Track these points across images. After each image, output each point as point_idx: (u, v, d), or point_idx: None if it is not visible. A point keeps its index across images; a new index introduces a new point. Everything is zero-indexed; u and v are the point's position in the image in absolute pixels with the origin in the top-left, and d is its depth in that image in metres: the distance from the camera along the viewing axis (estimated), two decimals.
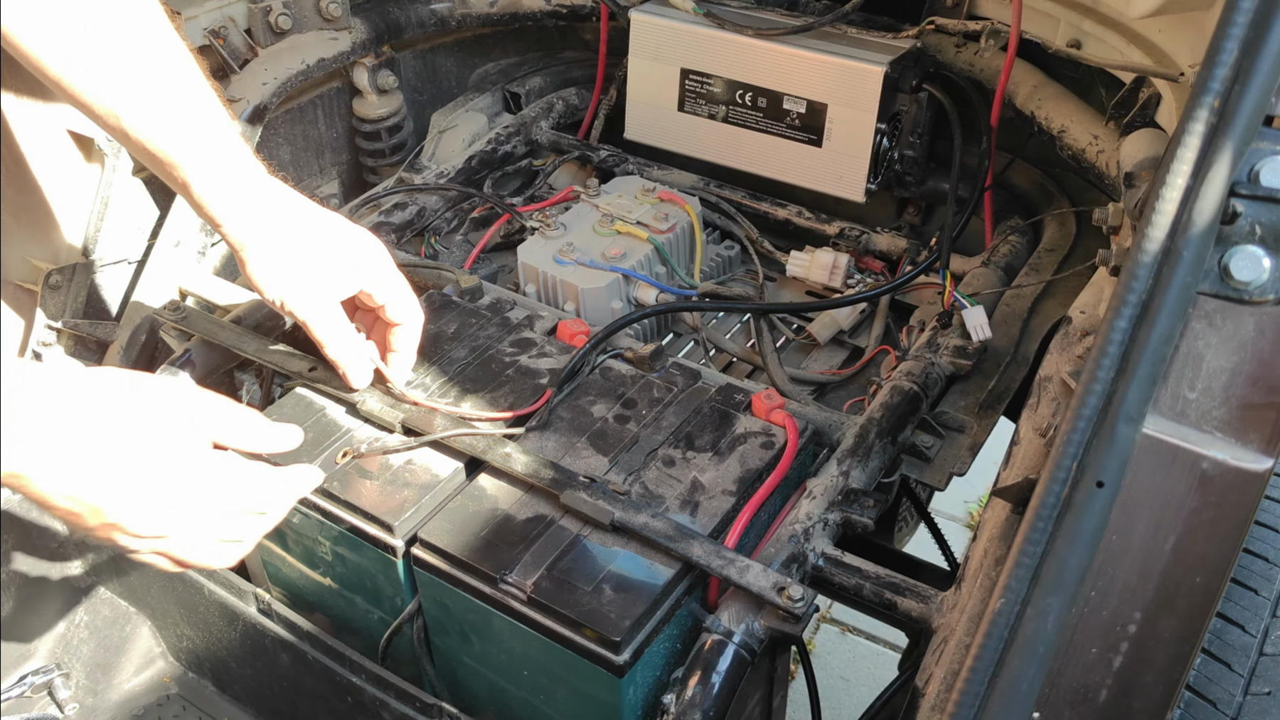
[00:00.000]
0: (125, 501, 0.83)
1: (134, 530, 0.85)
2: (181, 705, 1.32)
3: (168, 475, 0.85)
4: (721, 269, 1.57)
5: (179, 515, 0.87)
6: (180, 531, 0.88)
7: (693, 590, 1.02)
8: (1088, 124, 1.35)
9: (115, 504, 0.82)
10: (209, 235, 1.56)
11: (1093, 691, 0.78)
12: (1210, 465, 0.74)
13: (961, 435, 1.23)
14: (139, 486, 0.83)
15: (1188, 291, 0.71)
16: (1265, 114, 0.69)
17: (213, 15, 1.55)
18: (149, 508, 0.84)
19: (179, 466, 0.86)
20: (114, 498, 0.82)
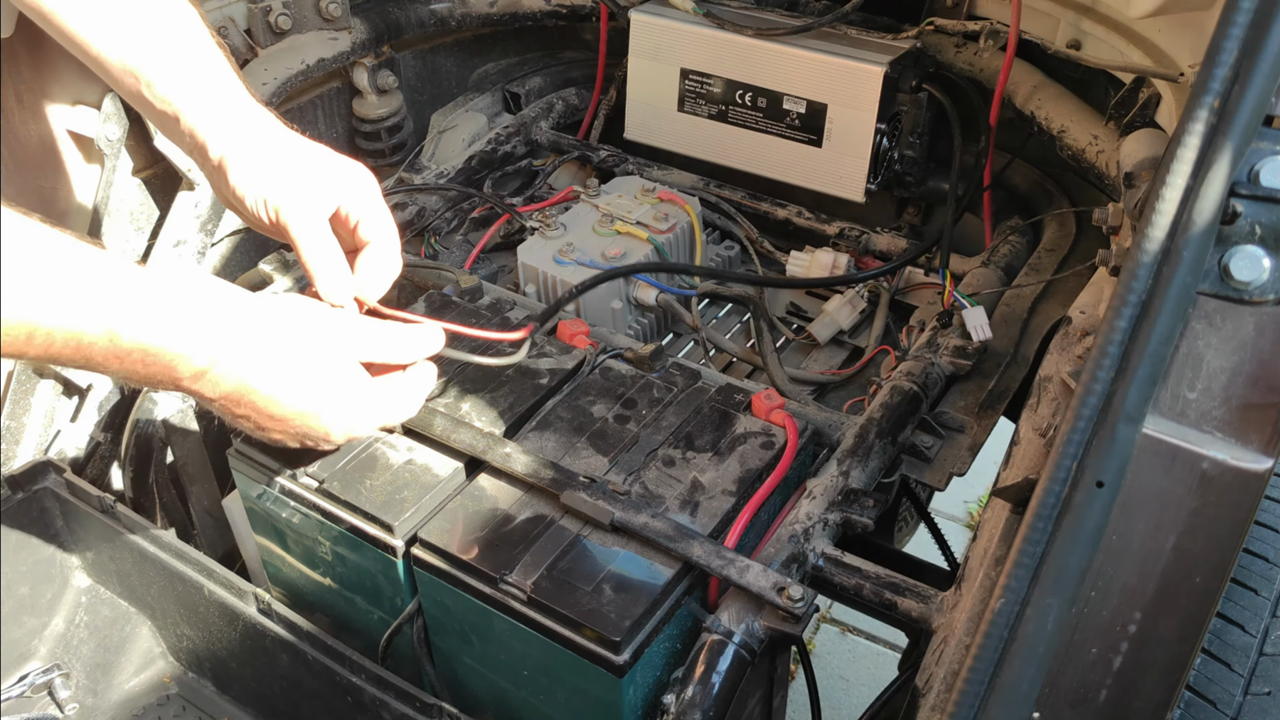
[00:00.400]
0: (297, 414, 0.95)
1: (309, 437, 0.98)
2: (181, 705, 1.32)
3: (337, 390, 0.96)
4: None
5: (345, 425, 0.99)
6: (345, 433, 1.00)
7: (693, 590, 1.02)
8: (1088, 124, 1.35)
9: (285, 416, 0.94)
10: (209, 235, 1.56)
11: (1093, 692, 0.78)
12: (1210, 465, 0.74)
13: (961, 435, 1.23)
14: (316, 402, 0.95)
15: (1188, 291, 0.71)
16: (1265, 114, 0.69)
17: (212, 15, 1.55)
18: (321, 421, 0.96)
19: (346, 382, 0.97)
20: (287, 409, 0.94)
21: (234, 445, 1.18)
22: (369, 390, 0.99)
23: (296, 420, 0.95)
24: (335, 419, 0.97)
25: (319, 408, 0.95)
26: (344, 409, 0.97)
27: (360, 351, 0.98)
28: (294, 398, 0.93)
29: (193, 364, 0.86)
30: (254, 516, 1.24)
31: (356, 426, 1.00)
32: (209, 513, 1.41)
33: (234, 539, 1.40)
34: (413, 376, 1.04)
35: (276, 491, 1.16)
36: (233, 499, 1.33)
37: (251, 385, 0.91)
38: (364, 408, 0.99)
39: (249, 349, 0.90)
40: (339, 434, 0.99)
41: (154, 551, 1.24)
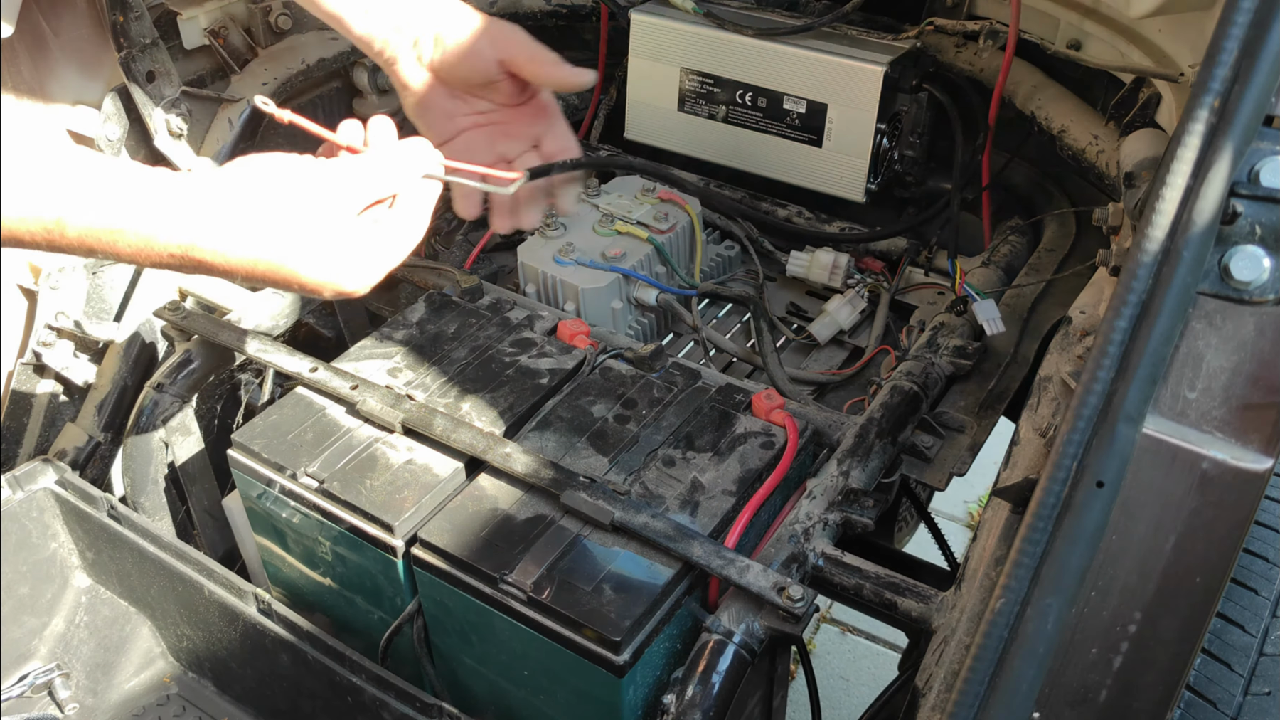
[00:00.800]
0: (311, 263, 0.87)
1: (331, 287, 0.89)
2: (181, 705, 1.32)
3: (340, 235, 0.88)
4: (721, 269, 1.57)
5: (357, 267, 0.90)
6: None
7: (693, 590, 1.02)
8: (1088, 124, 1.35)
9: (302, 265, 0.86)
10: None
11: (1093, 691, 0.78)
12: (1210, 465, 0.74)
13: (961, 435, 1.23)
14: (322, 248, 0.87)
15: (1188, 291, 0.71)
16: (1265, 114, 0.69)
17: (213, 15, 1.55)
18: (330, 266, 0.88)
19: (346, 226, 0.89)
20: (298, 259, 0.86)
21: (234, 445, 1.18)
22: (356, 230, 0.90)
23: (274, 278, 0.87)
24: (322, 275, 0.88)
25: (298, 258, 0.87)
26: (328, 264, 0.88)
27: (337, 193, 0.89)
28: (253, 248, 0.85)
29: (181, 247, 0.82)
30: (254, 516, 1.24)
31: (354, 279, 0.90)
32: (209, 513, 1.41)
33: (234, 539, 1.40)
34: (407, 198, 0.94)
35: (276, 491, 1.16)
36: (233, 499, 1.33)
37: (200, 245, 0.83)
38: (357, 249, 0.90)
39: (195, 211, 0.83)
40: (332, 292, 0.91)
41: (154, 551, 1.24)
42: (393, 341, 1.28)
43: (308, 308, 1.46)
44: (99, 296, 1.45)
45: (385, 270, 0.92)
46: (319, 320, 1.57)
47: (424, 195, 0.95)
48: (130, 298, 1.47)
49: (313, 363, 1.24)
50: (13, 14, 1.26)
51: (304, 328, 1.57)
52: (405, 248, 0.93)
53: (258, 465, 1.16)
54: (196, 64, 1.54)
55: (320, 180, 0.88)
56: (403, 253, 0.93)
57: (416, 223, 0.94)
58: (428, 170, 0.94)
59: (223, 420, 1.48)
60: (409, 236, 0.93)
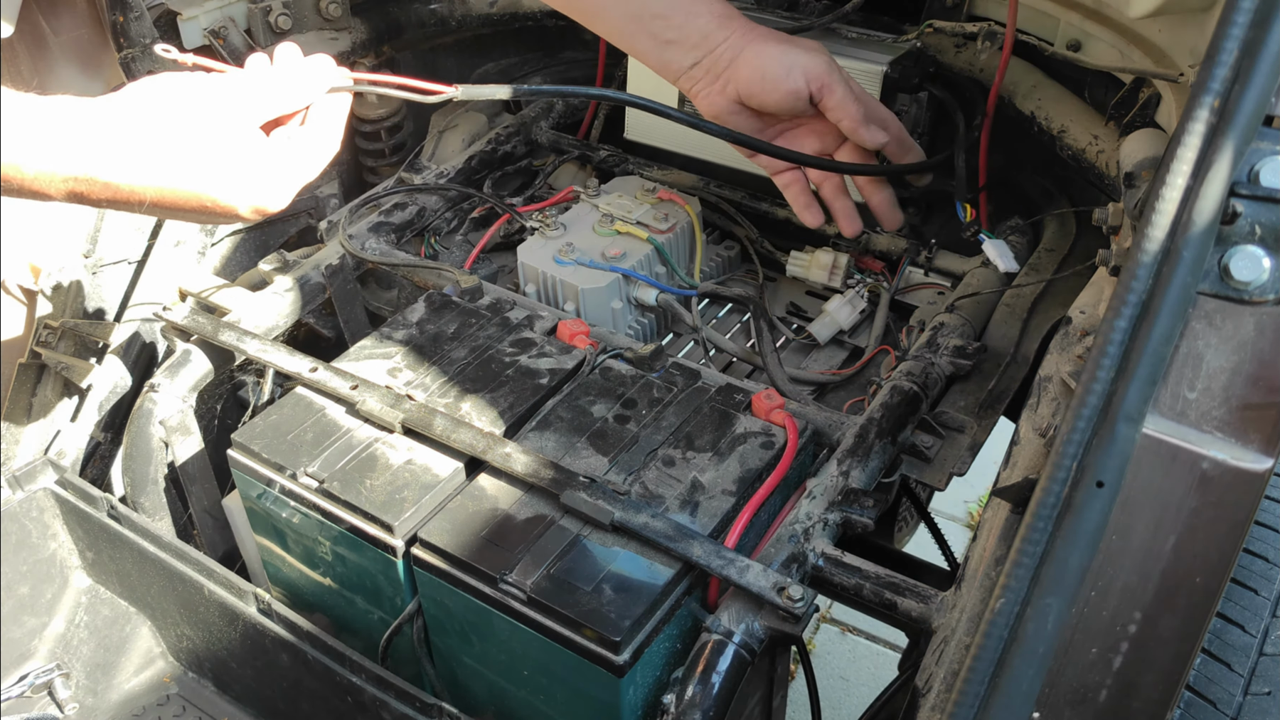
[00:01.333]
0: (219, 185, 0.85)
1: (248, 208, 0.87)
2: (181, 705, 1.32)
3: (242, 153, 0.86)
4: (721, 269, 1.57)
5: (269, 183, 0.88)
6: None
7: (693, 590, 1.02)
8: (1087, 124, 1.35)
9: (213, 188, 0.85)
10: (209, 235, 1.57)
11: (1093, 692, 0.78)
12: (1210, 465, 0.74)
13: (961, 435, 1.23)
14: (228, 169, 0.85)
15: (1188, 291, 0.70)
16: (1265, 114, 0.69)
17: (213, 15, 1.55)
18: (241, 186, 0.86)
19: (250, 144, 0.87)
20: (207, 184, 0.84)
21: (234, 445, 1.18)
22: (264, 145, 0.88)
23: (185, 202, 0.84)
24: (233, 193, 0.86)
25: (207, 177, 0.84)
26: (238, 179, 0.85)
27: (238, 107, 0.86)
28: (159, 172, 0.82)
29: (84, 176, 0.80)
30: (254, 516, 1.24)
31: (267, 194, 0.88)
32: (209, 513, 1.41)
33: (234, 539, 1.40)
34: (316, 112, 0.93)
35: (276, 491, 1.16)
36: (233, 499, 1.33)
37: (100, 172, 0.81)
38: (268, 162, 0.87)
39: (92, 136, 0.81)
40: (248, 209, 0.88)
41: (154, 551, 1.24)
42: (393, 341, 1.28)
43: (308, 307, 1.46)
44: (99, 296, 1.45)
45: (299, 184, 0.91)
46: (319, 320, 1.57)
47: (333, 108, 0.94)
48: (130, 298, 1.47)
49: (313, 363, 1.24)
50: (13, 14, 1.26)
51: (304, 328, 1.57)
52: (319, 161, 0.93)
53: (258, 465, 1.16)
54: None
55: (219, 95, 0.86)
56: (316, 167, 0.92)
57: (328, 136, 0.93)
58: (334, 83, 0.94)
59: (223, 420, 1.48)
60: (322, 150, 0.93)
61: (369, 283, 1.59)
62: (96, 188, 0.80)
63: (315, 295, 1.47)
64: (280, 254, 1.54)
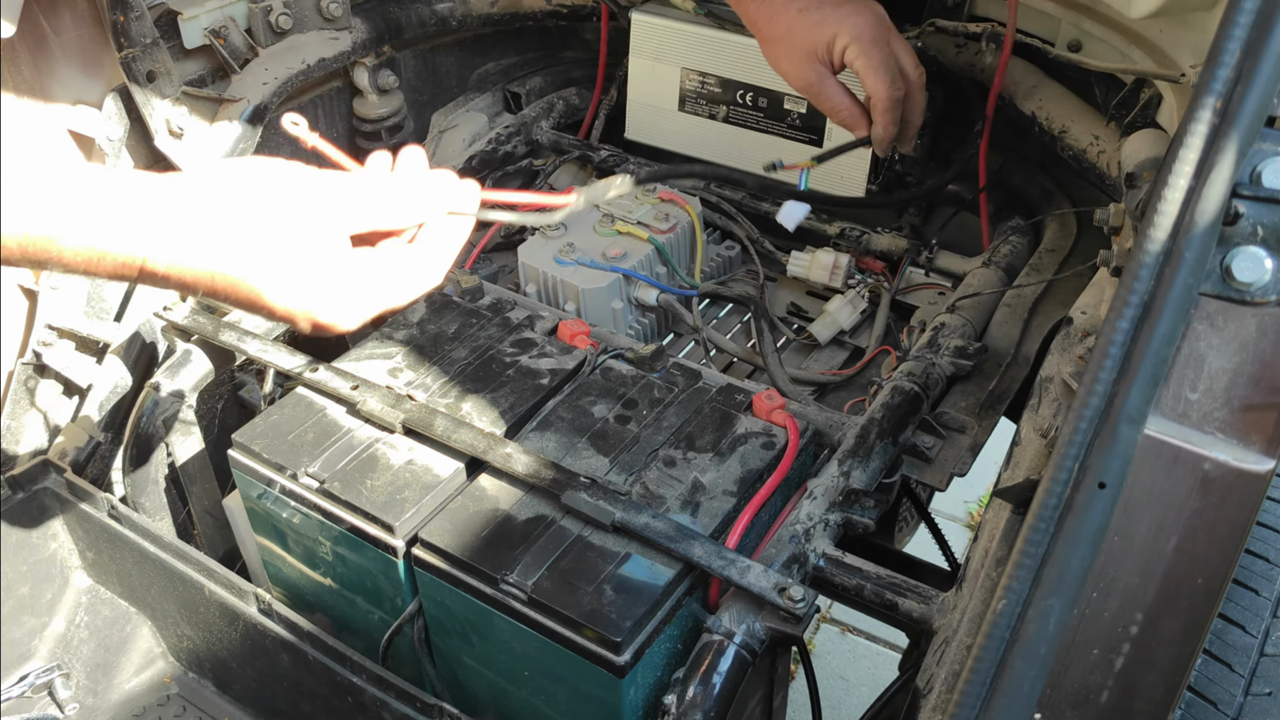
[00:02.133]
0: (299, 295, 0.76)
1: (330, 324, 0.78)
2: (182, 705, 1.32)
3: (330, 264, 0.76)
4: (722, 269, 1.57)
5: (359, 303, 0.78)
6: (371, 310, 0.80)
7: (694, 591, 1.02)
8: (1089, 124, 1.35)
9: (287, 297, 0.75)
10: None
11: (1094, 692, 0.78)
12: (1212, 466, 0.74)
13: (962, 436, 1.23)
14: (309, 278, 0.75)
15: (1189, 292, 0.70)
16: (1267, 115, 0.69)
17: (213, 15, 1.55)
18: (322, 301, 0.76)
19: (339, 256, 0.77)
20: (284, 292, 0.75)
21: (234, 445, 1.18)
22: (345, 257, 0.77)
23: (247, 300, 0.76)
24: (297, 304, 0.76)
25: (263, 276, 0.74)
26: (307, 280, 0.75)
27: (326, 210, 0.76)
28: (211, 261, 0.73)
29: (132, 258, 0.71)
30: (254, 516, 1.24)
31: (334, 314, 0.78)
32: (209, 513, 1.41)
33: (234, 539, 1.40)
34: (428, 234, 0.81)
35: (277, 491, 1.16)
36: (233, 499, 1.33)
37: (154, 257, 0.72)
38: (342, 277, 0.77)
39: (149, 218, 0.71)
40: (307, 325, 0.79)
41: (154, 551, 1.24)
42: (393, 341, 1.28)
43: None
44: (99, 296, 1.45)
45: (380, 309, 0.80)
46: None
47: (448, 233, 0.82)
48: (130, 298, 1.47)
49: (313, 363, 1.24)
50: (13, 14, 1.26)
51: None
52: (414, 289, 0.81)
53: (258, 465, 1.16)
54: (197, 64, 1.54)
55: (308, 192, 0.76)
56: (411, 292, 0.81)
57: (433, 262, 0.81)
58: (455, 205, 0.81)
59: (223, 420, 1.47)
60: (421, 276, 0.81)
61: None
62: (145, 273, 0.72)
63: None
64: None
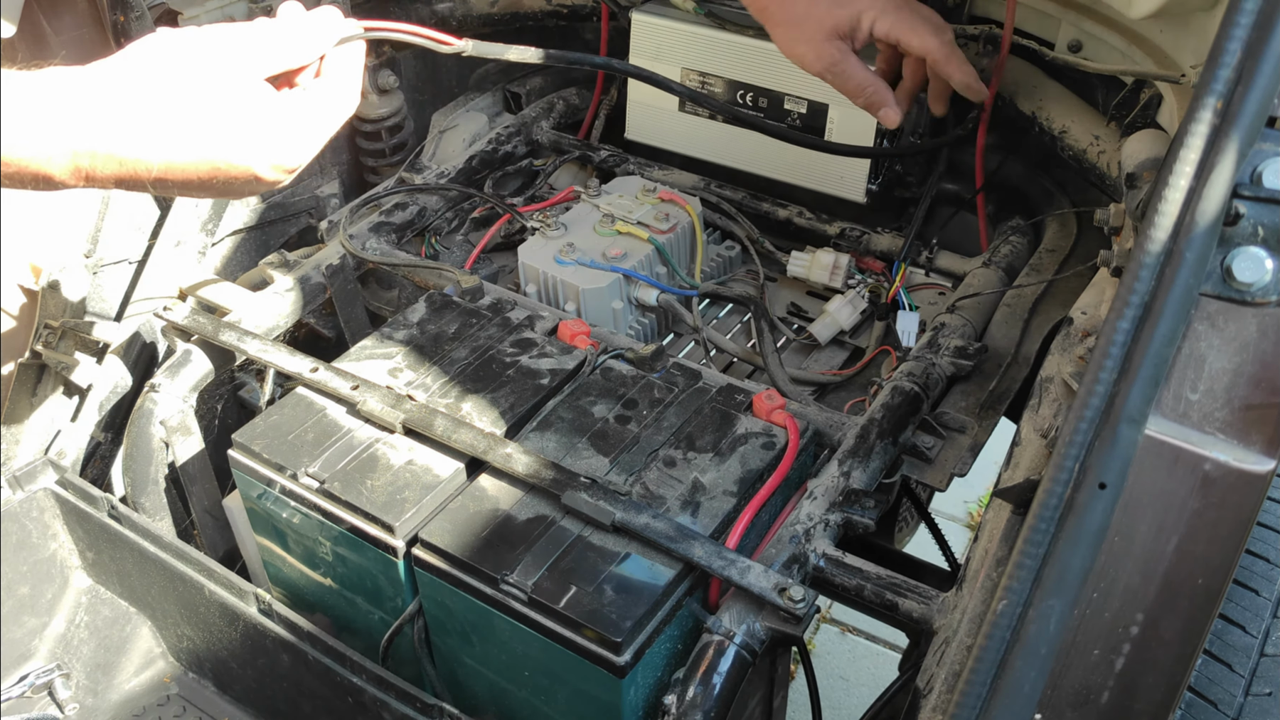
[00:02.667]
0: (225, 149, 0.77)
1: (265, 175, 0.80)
2: (182, 705, 1.32)
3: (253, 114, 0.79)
4: (722, 269, 1.57)
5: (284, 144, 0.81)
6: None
7: (694, 591, 1.02)
8: (1089, 124, 1.35)
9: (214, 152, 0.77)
10: (209, 235, 1.56)
11: (1095, 693, 0.78)
12: (1212, 467, 0.74)
13: (962, 436, 1.23)
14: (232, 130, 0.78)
15: (1190, 293, 0.70)
16: (1268, 115, 0.69)
17: (213, 14, 1.55)
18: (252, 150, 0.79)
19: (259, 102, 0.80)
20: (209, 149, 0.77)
21: (234, 445, 1.18)
22: (277, 99, 0.81)
23: (196, 169, 0.77)
24: (249, 151, 0.78)
25: (221, 137, 0.77)
26: (252, 136, 0.78)
27: (244, 60, 0.79)
28: (169, 138, 0.75)
29: (32, 150, 0.71)
30: (254, 516, 1.24)
31: (286, 150, 0.81)
32: (209, 513, 1.41)
33: (234, 539, 1.40)
34: (331, 64, 0.87)
35: (277, 492, 1.16)
36: (233, 499, 1.33)
37: (106, 146, 0.73)
38: (280, 125, 0.80)
39: (92, 108, 0.73)
40: (267, 169, 0.81)
41: (154, 551, 1.24)
42: (393, 342, 1.28)
43: (308, 307, 1.46)
44: (99, 296, 1.45)
45: (320, 139, 0.84)
46: (319, 320, 1.57)
47: (347, 60, 0.88)
48: (130, 298, 1.47)
49: (313, 363, 1.24)
50: (14, 14, 1.26)
51: (304, 328, 1.57)
52: (339, 115, 0.87)
53: (258, 465, 1.16)
54: None
55: (222, 50, 0.78)
56: (336, 121, 0.86)
57: (345, 87, 0.87)
58: (344, 33, 0.89)
59: (223, 420, 1.48)
60: (340, 102, 0.87)
61: (369, 283, 1.59)
62: (100, 161, 0.72)
63: (316, 295, 1.47)
64: (281, 254, 1.53)
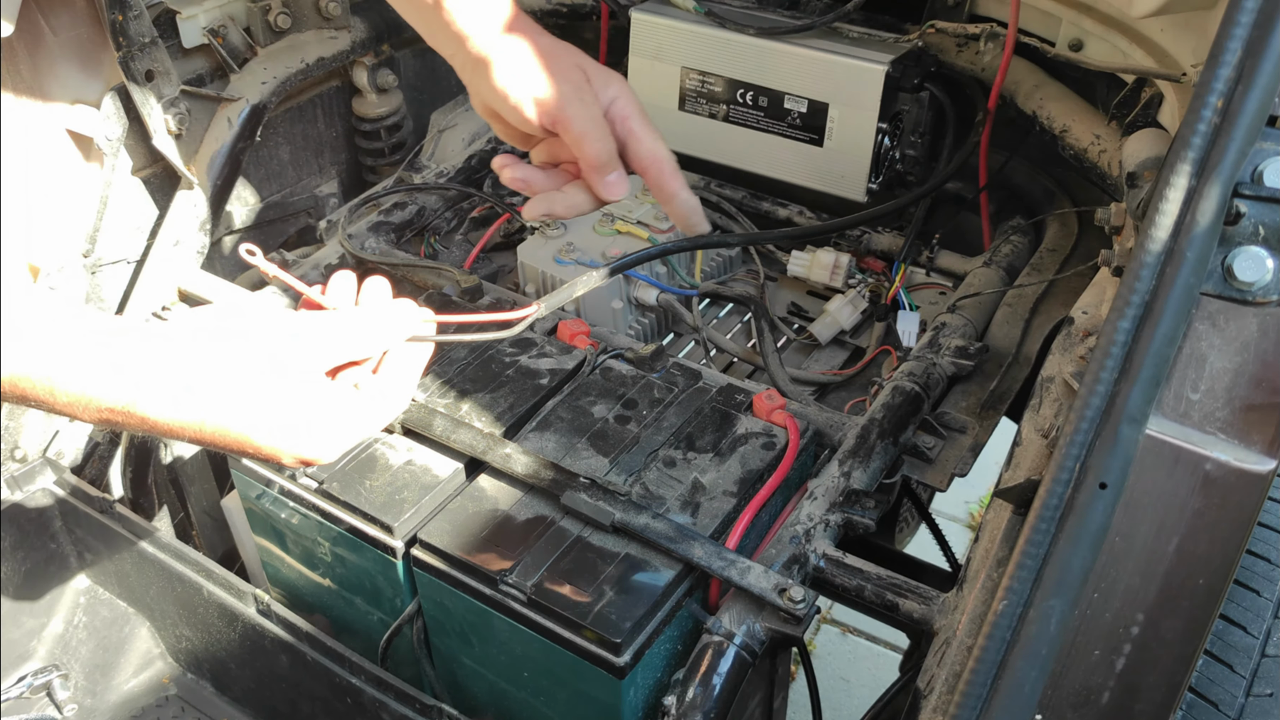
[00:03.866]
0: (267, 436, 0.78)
1: (303, 459, 0.81)
2: (180, 706, 1.32)
3: (302, 403, 0.79)
4: (722, 269, 1.57)
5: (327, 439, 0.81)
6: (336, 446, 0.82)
7: (694, 591, 1.02)
8: (1090, 123, 1.34)
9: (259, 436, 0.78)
10: (208, 235, 1.56)
11: (1095, 693, 0.78)
12: (1213, 466, 0.74)
13: (963, 436, 1.23)
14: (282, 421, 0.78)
15: (1191, 292, 0.70)
16: (1269, 114, 0.69)
17: (212, 14, 1.55)
18: (297, 442, 0.79)
19: (310, 391, 0.80)
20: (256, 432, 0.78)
21: None
22: (324, 394, 0.81)
23: (223, 441, 0.79)
24: (282, 442, 0.79)
25: (248, 421, 0.78)
26: (292, 430, 0.79)
27: (301, 352, 0.80)
28: (197, 410, 0.77)
29: (122, 407, 0.75)
30: (253, 517, 1.23)
31: (320, 448, 0.81)
32: (208, 513, 1.41)
33: (233, 539, 1.40)
34: (390, 367, 0.85)
35: (276, 492, 1.15)
36: (232, 499, 1.33)
37: (140, 406, 0.75)
38: (323, 414, 0.80)
39: (135, 367, 0.75)
40: (292, 459, 0.82)
41: (153, 552, 1.24)
42: None
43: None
44: (99, 296, 1.45)
45: (358, 438, 0.83)
46: None
47: (410, 359, 0.85)
48: (130, 298, 1.47)
49: None
50: (13, 13, 1.26)
51: None
52: (385, 415, 0.84)
53: (257, 465, 1.16)
54: (195, 63, 1.54)
55: (283, 336, 0.79)
56: (382, 420, 0.84)
57: (400, 390, 0.85)
58: (414, 331, 0.85)
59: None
60: (390, 403, 0.84)
61: None
62: (133, 420, 0.75)
63: None
64: (280, 253, 1.53)
